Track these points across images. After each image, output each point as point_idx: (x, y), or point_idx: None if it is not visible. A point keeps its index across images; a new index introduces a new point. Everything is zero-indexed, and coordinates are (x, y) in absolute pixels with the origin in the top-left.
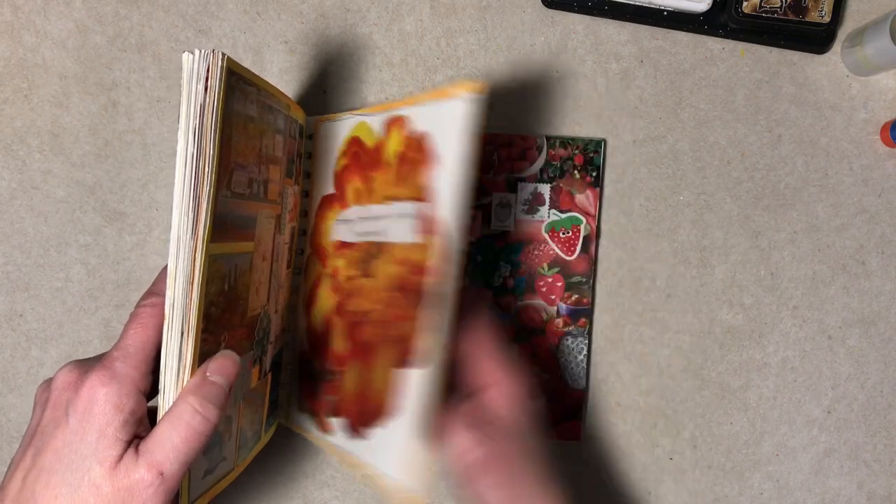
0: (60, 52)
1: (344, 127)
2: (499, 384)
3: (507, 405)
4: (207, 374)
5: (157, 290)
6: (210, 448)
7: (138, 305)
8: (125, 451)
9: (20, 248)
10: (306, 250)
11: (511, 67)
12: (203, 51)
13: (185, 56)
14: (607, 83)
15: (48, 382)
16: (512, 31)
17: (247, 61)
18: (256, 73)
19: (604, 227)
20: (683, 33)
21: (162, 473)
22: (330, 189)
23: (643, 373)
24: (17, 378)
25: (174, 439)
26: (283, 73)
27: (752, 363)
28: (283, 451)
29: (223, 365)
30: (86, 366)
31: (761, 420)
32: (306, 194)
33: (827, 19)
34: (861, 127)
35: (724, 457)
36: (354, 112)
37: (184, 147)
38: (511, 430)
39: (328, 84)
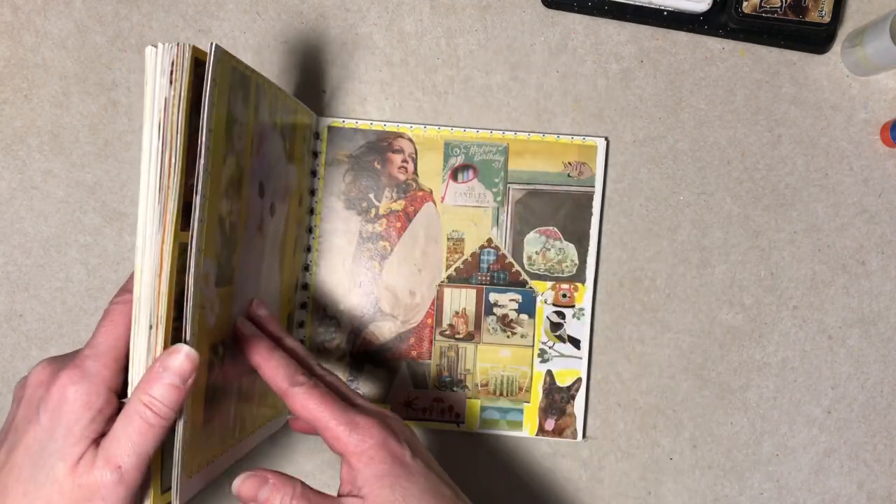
0: (60, 52)
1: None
2: (345, 455)
3: (364, 471)
4: (159, 367)
5: (129, 287)
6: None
7: (111, 303)
8: (89, 448)
9: (20, 248)
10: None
11: (511, 67)
12: (167, 44)
13: (148, 50)
14: (607, 83)
15: (25, 379)
16: (512, 31)
17: (247, 61)
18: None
19: (604, 226)
20: (683, 33)
21: (120, 467)
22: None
23: (643, 373)
24: (17, 378)
25: (129, 434)
26: (283, 73)
27: (752, 363)
28: (283, 451)
29: (174, 359)
30: (59, 363)
31: (761, 420)
32: (312, 192)
33: (827, 19)
34: (861, 127)
35: (724, 457)
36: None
37: (148, 141)
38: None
39: (328, 84)
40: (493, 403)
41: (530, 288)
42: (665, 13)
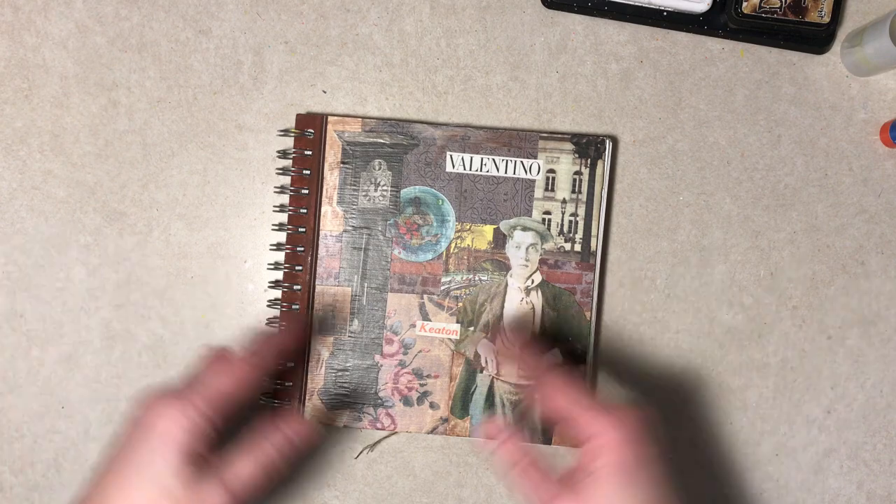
0: (61, 52)
1: None
2: (594, 436)
3: (605, 457)
4: (278, 426)
5: (259, 348)
6: None
7: (231, 355)
8: (192, 466)
9: (20, 248)
10: None
11: (511, 67)
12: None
13: None
14: (607, 83)
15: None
16: (512, 31)
17: (247, 61)
18: (256, 72)
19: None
20: (683, 33)
21: (234, 495)
22: None
23: (643, 372)
24: (18, 378)
25: (251, 471)
26: (283, 74)
27: (751, 363)
28: None
29: (295, 425)
30: (163, 390)
31: (761, 420)
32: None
33: (826, 19)
34: (861, 127)
35: (724, 457)
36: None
37: None
38: (608, 484)
39: (328, 84)
40: None
41: None
42: (665, 13)
